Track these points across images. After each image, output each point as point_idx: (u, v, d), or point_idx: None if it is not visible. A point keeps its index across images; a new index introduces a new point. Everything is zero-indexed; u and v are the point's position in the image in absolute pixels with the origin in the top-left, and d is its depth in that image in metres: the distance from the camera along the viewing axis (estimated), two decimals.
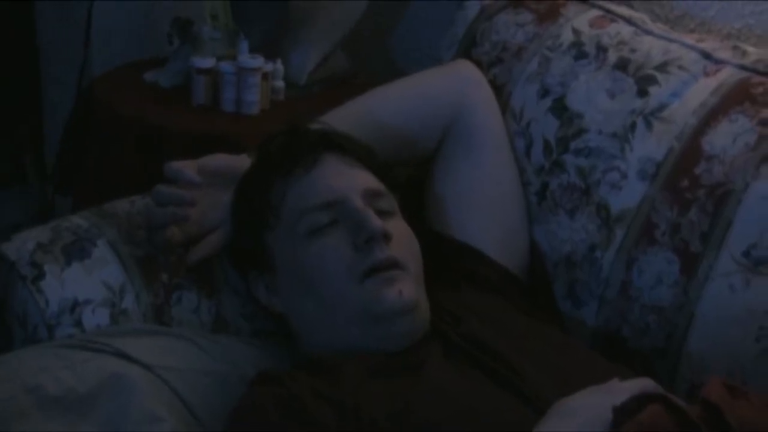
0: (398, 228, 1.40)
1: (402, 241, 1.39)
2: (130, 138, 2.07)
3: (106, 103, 2.16)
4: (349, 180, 1.41)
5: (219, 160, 1.53)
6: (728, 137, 1.48)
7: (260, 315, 1.52)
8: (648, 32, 1.66)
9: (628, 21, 1.69)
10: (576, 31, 1.68)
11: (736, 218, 1.44)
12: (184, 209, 1.47)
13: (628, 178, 1.54)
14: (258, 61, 2.11)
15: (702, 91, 1.54)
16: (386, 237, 1.36)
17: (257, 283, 1.45)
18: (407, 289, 1.35)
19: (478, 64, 1.72)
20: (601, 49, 1.64)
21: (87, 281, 1.45)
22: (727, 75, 1.54)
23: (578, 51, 1.66)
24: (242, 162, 1.52)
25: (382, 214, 1.38)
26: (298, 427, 1.22)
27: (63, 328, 1.42)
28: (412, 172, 1.66)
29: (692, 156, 1.50)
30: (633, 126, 1.56)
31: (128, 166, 2.05)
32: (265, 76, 2.13)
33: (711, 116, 1.51)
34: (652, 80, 1.58)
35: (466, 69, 1.69)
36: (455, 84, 1.66)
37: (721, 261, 1.43)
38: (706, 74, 1.56)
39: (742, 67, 1.55)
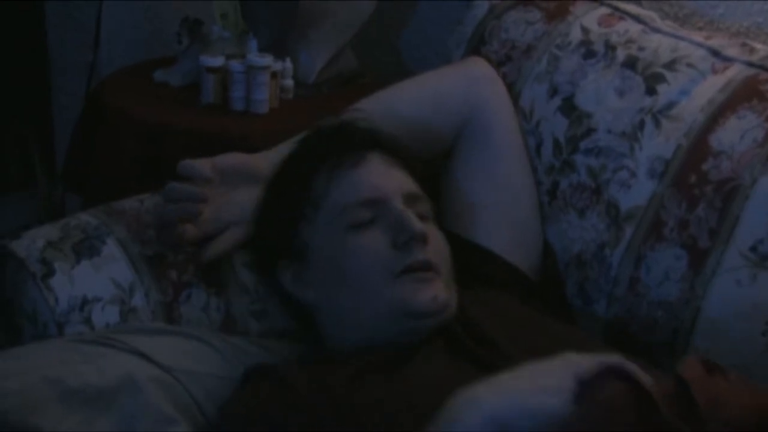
0: (433, 233, 1.42)
1: (437, 246, 1.41)
2: (139, 137, 2.07)
3: (116, 103, 2.16)
4: (392, 181, 1.42)
5: (234, 158, 1.54)
6: (736, 133, 1.48)
7: (270, 313, 1.52)
8: (656, 30, 1.65)
9: (637, 19, 1.69)
10: (585, 30, 1.68)
11: (744, 214, 1.43)
12: (196, 205, 1.47)
13: (638, 176, 1.54)
14: (267, 60, 2.11)
15: (710, 88, 1.54)
16: (425, 240, 1.37)
17: (286, 273, 1.44)
18: (442, 293, 1.37)
19: (488, 62, 1.72)
20: (610, 47, 1.64)
21: (96, 279, 1.45)
22: (735, 72, 1.54)
23: (587, 50, 1.66)
24: (258, 161, 1.52)
25: (420, 218, 1.40)
26: (292, 418, 1.23)
27: (72, 326, 1.42)
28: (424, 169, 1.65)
29: (700, 153, 1.50)
30: (642, 124, 1.56)
31: (137, 165, 2.05)
32: (274, 75, 2.13)
33: (719, 113, 1.51)
34: (660, 78, 1.58)
35: (479, 66, 1.70)
36: (467, 82, 1.66)
37: (728, 256, 1.43)
38: (714, 72, 1.55)
39: (751, 64, 1.54)
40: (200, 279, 1.51)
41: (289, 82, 2.19)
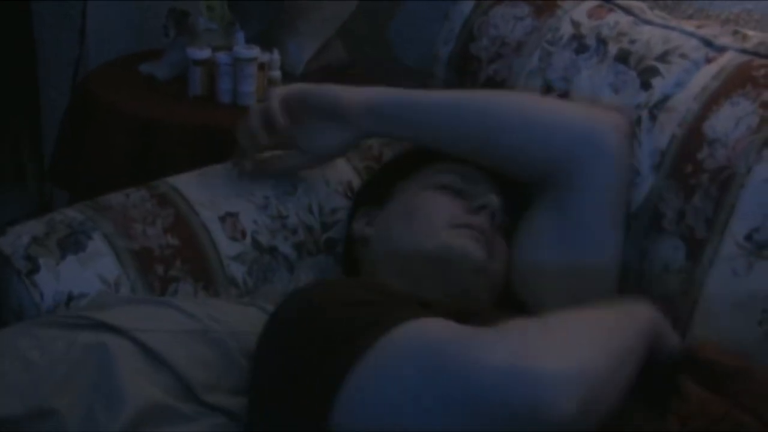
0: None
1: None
2: (126, 130, 2.06)
3: (103, 96, 2.15)
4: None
5: (328, 94, 1.54)
6: (730, 120, 1.46)
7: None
8: (647, 22, 1.64)
9: (626, 10, 1.67)
10: (575, 23, 1.67)
11: (739, 202, 1.42)
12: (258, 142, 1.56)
13: (642, 174, 1.52)
14: (254, 52, 2.10)
15: (704, 76, 1.52)
16: (495, 218, 1.44)
17: (362, 216, 1.54)
18: (486, 258, 1.42)
19: (477, 60, 1.71)
20: (602, 41, 1.62)
21: (82, 274, 1.44)
22: (728, 59, 1.52)
23: (579, 44, 1.64)
24: (350, 103, 1.52)
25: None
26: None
27: None
28: None
29: (695, 141, 1.48)
30: (639, 121, 1.53)
31: (124, 159, 2.04)
32: (262, 67, 2.12)
33: (713, 100, 1.49)
34: (654, 72, 1.55)
35: (606, 125, 1.49)
36: (579, 131, 1.48)
37: (724, 246, 1.42)
38: (708, 61, 1.54)
39: (744, 51, 1.53)
40: (187, 273, 1.50)
41: (277, 74, 2.18)
